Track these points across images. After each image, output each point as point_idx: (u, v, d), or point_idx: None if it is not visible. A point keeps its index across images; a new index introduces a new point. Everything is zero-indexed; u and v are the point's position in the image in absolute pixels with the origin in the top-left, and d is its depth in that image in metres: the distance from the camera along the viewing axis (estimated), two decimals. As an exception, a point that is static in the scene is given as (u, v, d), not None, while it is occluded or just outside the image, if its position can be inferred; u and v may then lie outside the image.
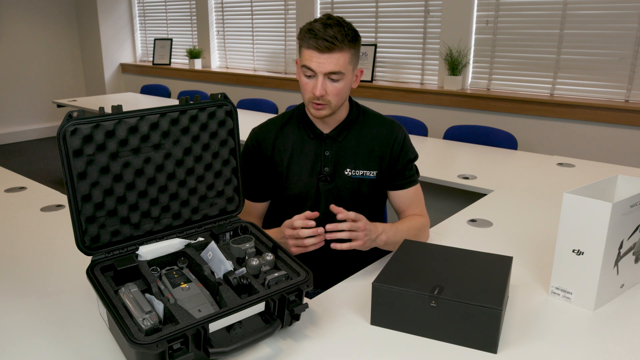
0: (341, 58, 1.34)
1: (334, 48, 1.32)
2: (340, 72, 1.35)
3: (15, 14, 6.03)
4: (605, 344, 1.07)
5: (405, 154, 1.52)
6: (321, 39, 1.31)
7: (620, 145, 3.21)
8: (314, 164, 1.49)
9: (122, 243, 1.16)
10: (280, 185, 1.52)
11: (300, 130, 1.51)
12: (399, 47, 4.20)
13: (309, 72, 1.36)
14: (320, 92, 1.35)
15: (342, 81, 1.37)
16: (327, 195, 1.50)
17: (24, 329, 1.12)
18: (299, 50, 1.41)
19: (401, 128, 1.54)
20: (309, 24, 1.36)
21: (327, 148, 1.49)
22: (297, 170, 1.50)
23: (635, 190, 1.18)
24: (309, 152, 1.50)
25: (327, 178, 1.49)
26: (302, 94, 1.43)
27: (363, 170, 1.49)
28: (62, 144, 1.04)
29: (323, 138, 1.50)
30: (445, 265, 1.19)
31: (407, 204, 1.54)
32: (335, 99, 1.39)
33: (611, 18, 3.19)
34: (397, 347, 1.05)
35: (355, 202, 1.50)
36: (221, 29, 5.53)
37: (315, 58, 1.33)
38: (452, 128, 3.12)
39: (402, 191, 1.53)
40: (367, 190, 1.51)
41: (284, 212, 1.51)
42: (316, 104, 1.39)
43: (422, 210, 1.56)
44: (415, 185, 1.55)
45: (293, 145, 1.50)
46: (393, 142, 1.50)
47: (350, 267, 1.45)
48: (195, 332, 0.92)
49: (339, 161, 1.49)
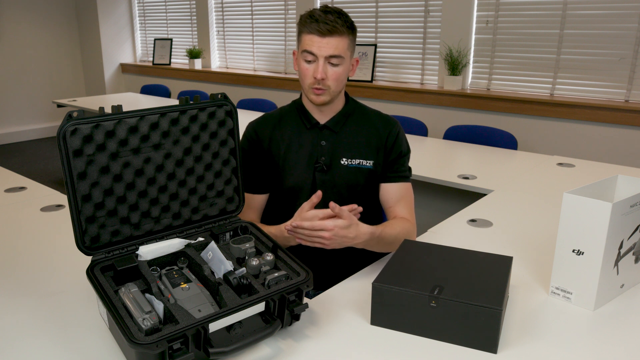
0: (341, 42, 1.38)
1: (335, 31, 1.37)
2: (340, 55, 1.39)
3: (15, 14, 6.03)
4: (605, 344, 1.07)
5: (399, 147, 1.53)
6: (322, 22, 1.36)
7: (620, 145, 3.21)
8: (310, 154, 1.50)
9: (122, 243, 1.16)
10: (278, 177, 1.53)
11: (297, 122, 1.53)
12: (399, 47, 4.20)
13: (309, 56, 1.39)
14: (321, 74, 1.38)
15: (342, 66, 1.41)
16: (323, 186, 1.49)
17: (24, 329, 1.12)
18: (298, 38, 1.44)
19: (397, 123, 1.56)
20: (309, 11, 1.41)
21: (324, 138, 1.50)
22: (293, 161, 1.51)
23: (635, 190, 1.18)
24: (306, 143, 1.51)
25: (324, 168, 1.49)
26: (302, 81, 1.45)
27: (360, 160, 1.50)
28: (62, 144, 1.04)
29: (320, 128, 1.51)
30: (445, 265, 1.19)
31: (395, 199, 1.51)
32: (334, 83, 1.42)
33: (611, 18, 3.19)
34: (397, 347, 1.05)
35: (351, 193, 1.50)
36: (221, 29, 5.53)
37: (317, 42, 1.37)
38: (452, 128, 3.12)
39: (391, 185, 1.52)
40: (363, 180, 1.51)
41: (281, 203, 1.53)
42: (316, 89, 1.42)
43: (410, 213, 1.51)
44: (406, 182, 1.54)
45: (290, 136, 1.52)
46: (388, 133, 1.53)
47: (350, 267, 1.45)
48: (195, 332, 0.92)
49: (335, 151, 1.50)
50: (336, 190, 1.50)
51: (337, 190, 1.50)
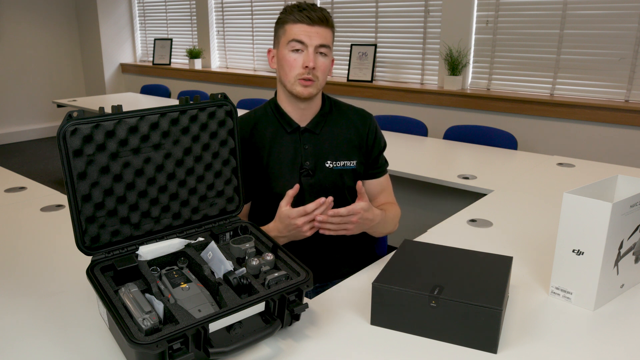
0: (328, 34, 1.39)
1: (324, 20, 1.37)
2: (328, 46, 1.39)
3: (15, 14, 6.03)
4: (605, 344, 1.07)
5: (378, 144, 1.56)
6: (312, 10, 1.36)
7: (620, 145, 3.21)
8: (294, 158, 1.48)
9: (122, 243, 1.16)
10: (262, 184, 1.50)
11: (276, 126, 1.50)
12: (399, 47, 4.20)
13: (298, 45, 1.37)
14: (312, 63, 1.36)
15: (328, 58, 1.42)
16: (310, 190, 1.49)
17: (24, 329, 1.12)
18: (279, 32, 1.42)
19: (371, 116, 1.58)
20: (292, 4, 1.40)
21: (306, 142, 1.49)
22: (277, 167, 1.48)
23: (635, 190, 1.18)
24: (288, 147, 1.48)
25: (309, 172, 1.48)
26: (286, 74, 1.41)
27: (344, 161, 1.51)
28: (62, 144, 1.04)
29: (301, 131, 1.49)
30: (445, 265, 1.19)
31: (380, 191, 1.59)
32: (322, 75, 1.41)
33: (611, 18, 3.20)
34: (397, 347, 1.05)
35: (338, 194, 1.49)
36: (221, 29, 5.53)
37: (306, 30, 1.36)
38: (452, 128, 3.12)
39: (375, 180, 1.58)
40: (349, 181, 1.52)
41: (268, 210, 1.47)
42: (305, 80, 1.39)
43: (393, 198, 1.62)
44: (386, 173, 1.61)
45: (270, 142, 1.49)
46: (367, 131, 1.54)
47: (347, 258, 1.45)
48: (195, 332, 0.92)
49: (319, 154, 1.49)
50: (323, 192, 1.49)
51: (324, 191, 1.49)
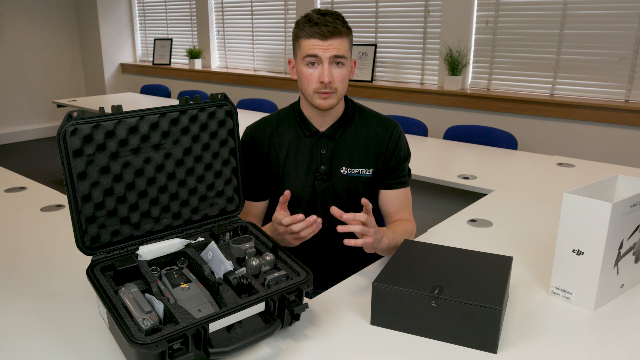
0: (342, 43, 1.37)
1: (336, 32, 1.35)
2: (343, 56, 1.38)
3: (15, 14, 6.03)
4: (605, 344, 1.07)
5: (398, 153, 1.51)
6: (322, 24, 1.34)
7: (620, 145, 3.21)
8: (309, 162, 1.49)
9: (122, 243, 1.16)
10: (277, 185, 1.51)
11: (296, 129, 1.50)
12: (399, 47, 4.20)
13: (313, 59, 1.37)
14: (328, 77, 1.36)
15: (345, 67, 1.40)
16: (323, 194, 1.49)
17: (24, 329, 1.12)
18: (295, 45, 1.42)
19: (397, 126, 1.53)
20: (304, 16, 1.39)
21: (323, 146, 1.49)
22: (293, 169, 1.49)
23: (635, 190, 1.18)
24: (305, 151, 1.49)
25: (324, 177, 1.48)
26: (305, 87, 1.41)
27: (359, 169, 1.49)
28: (62, 144, 1.04)
29: (319, 136, 1.49)
30: (445, 265, 1.19)
31: (396, 206, 1.52)
32: (341, 85, 1.40)
33: (611, 18, 3.19)
34: (397, 347, 1.05)
35: (351, 201, 1.49)
36: (221, 29, 5.53)
37: (320, 45, 1.35)
38: (452, 128, 3.12)
39: (391, 191, 1.52)
40: (363, 188, 1.50)
41: None
42: (323, 93, 1.39)
43: (410, 215, 1.54)
44: (406, 187, 1.54)
45: (289, 144, 1.49)
46: (388, 140, 1.50)
47: (350, 267, 1.44)
48: (195, 332, 0.92)
49: (334, 159, 1.48)
50: (336, 197, 1.49)
51: (338, 197, 1.49)
